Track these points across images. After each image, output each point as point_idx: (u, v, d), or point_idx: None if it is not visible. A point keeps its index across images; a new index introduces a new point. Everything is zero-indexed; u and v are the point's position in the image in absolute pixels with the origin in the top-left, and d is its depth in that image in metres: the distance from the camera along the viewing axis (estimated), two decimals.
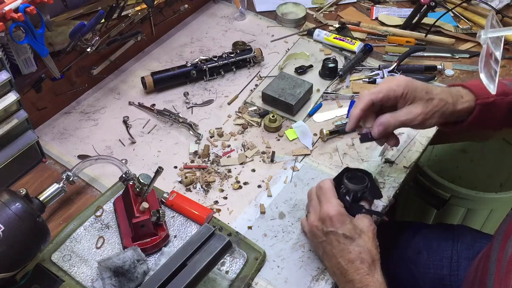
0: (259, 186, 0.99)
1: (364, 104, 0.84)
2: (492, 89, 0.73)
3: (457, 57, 1.28)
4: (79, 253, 0.85)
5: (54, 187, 0.89)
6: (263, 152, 1.05)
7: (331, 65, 1.20)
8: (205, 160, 1.04)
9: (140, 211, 0.83)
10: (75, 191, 0.98)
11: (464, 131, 0.90)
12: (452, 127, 0.89)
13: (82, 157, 1.03)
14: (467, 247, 1.07)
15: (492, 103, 0.85)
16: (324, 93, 1.17)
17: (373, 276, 0.77)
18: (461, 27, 1.35)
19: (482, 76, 0.74)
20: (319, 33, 1.32)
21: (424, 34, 1.30)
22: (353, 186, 0.84)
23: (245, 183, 1.00)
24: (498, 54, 0.88)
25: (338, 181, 0.86)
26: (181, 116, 1.11)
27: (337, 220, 0.79)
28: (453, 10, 1.39)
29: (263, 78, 1.23)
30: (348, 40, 1.29)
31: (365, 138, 0.88)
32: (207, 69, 1.20)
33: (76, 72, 1.14)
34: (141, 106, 1.15)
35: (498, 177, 1.66)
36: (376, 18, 1.40)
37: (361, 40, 1.33)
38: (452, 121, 0.87)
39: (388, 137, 0.88)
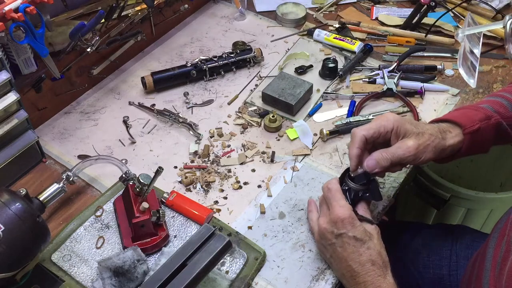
0: (259, 186, 0.99)
1: (358, 141, 0.83)
2: (472, 83, 0.73)
3: (457, 57, 1.27)
4: (79, 253, 0.85)
5: (54, 187, 0.89)
6: (263, 152, 1.05)
7: (331, 65, 1.20)
8: (205, 160, 1.04)
9: (140, 211, 0.83)
10: (75, 191, 0.98)
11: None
12: (445, 160, 0.88)
13: (82, 157, 1.03)
14: (466, 247, 1.08)
15: (479, 129, 0.84)
16: (324, 93, 1.17)
17: (385, 278, 0.77)
18: (461, 27, 1.35)
19: (461, 71, 0.75)
20: (319, 33, 1.32)
21: (424, 34, 1.30)
22: (355, 186, 0.85)
23: (245, 183, 1.00)
24: (477, 51, 0.88)
25: (341, 180, 0.86)
26: (181, 116, 1.11)
27: (348, 222, 0.79)
28: (453, 10, 1.39)
29: (263, 78, 1.23)
30: (348, 40, 1.29)
31: (360, 178, 0.85)
32: (207, 69, 1.20)
33: (76, 72, 1.14)
34: (141, 106, 1.15)
35: (498, 177, 1.66)
36: (376, 18, 1.40)
37: (361, 40, 1.33)
38: (445, 156, 0.86)
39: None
